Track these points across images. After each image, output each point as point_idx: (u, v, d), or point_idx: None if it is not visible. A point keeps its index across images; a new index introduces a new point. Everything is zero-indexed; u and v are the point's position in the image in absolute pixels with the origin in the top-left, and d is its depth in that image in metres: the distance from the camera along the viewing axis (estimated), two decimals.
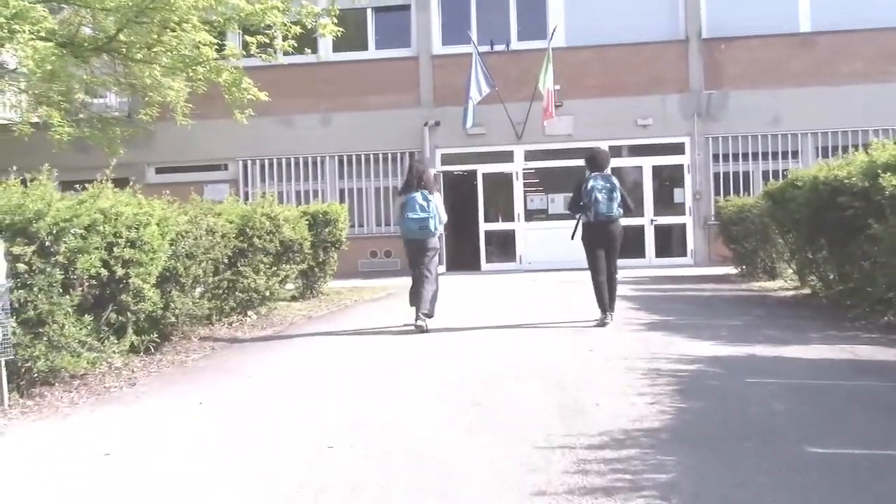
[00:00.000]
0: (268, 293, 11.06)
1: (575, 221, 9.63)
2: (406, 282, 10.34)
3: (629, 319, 9.66)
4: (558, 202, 19.62)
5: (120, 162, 20.27)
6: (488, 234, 19.95)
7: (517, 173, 19.79)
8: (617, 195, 9.08)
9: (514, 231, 19.76)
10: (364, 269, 19.78)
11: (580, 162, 17.29)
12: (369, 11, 20.27)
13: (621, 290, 13.06)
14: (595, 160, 9.45)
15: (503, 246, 20.09)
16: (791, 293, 12.45)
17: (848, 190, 9.41)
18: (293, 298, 13.97)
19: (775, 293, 12.69)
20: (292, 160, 20.32)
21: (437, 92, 19.90)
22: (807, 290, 12.19)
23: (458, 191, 20.03)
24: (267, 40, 13.88)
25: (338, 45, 20.24)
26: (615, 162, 19.44)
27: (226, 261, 9.67)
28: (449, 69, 19.78)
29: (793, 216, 11.28)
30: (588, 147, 13.17)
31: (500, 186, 20.14)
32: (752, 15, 19.14)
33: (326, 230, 13.65)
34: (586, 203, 9.06)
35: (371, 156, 20.11)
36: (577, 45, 19.59)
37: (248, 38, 13.81)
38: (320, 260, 13.74)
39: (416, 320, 9.18)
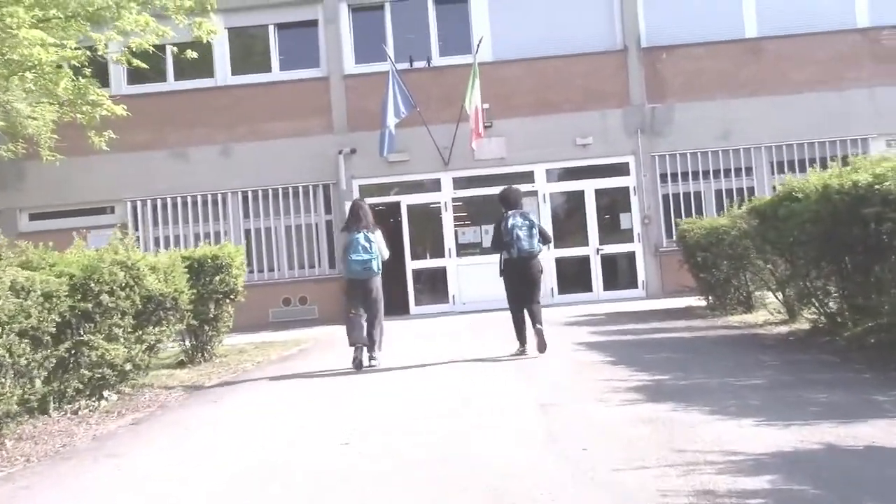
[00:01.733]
0: (130, 367, 8.13)
1: (499, 258, 9.47)
2: (323, 332, 10.52)
3: (613, 383, 6.98)
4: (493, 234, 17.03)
5: None
6: (416, 272, 17.24)
7: (446, 203, 17.17)
8: (536, 231, 9.09)
9: (445, 268, 17.10)
10: (276, 318, 16.88)
11: (516, 188, 14.81)
12: (271, 28, 17.59)
13: (580, 334, 10.89)
14: (509, 199, 9.44)
15: (434, 285, 17.40)
16: (785, 329, 10.02)
17: (879, 198, 7.09)
18: (180, 364, 11.05)
19: (765, 330, 10.24)
20: (189, 199, 17.33)
21: (352, 116, 17.22)
22: (803, 325, 9.80)
23: (381, 226, 17.23)
24: (121, 39, 10.96)
25: (237, 67, 17.55)
26: (554, 186, 17.13)
27: (53, 329, 6.75)
28: (364, 90, 17.16)
29: (787, 236, 8.91)
30: (503, 186, 11.00)
31: (427, 219, 17.51)
32: (694, 21, 17.10)
33: (217, 278, 10.77)
34: (508, 241, 9.05)
35: (280, 190, 17.27)
36: (506, 59, 17.25)
37: (96, 37, 10.82)
38: (210, 315, 10.84)
39: (356, 354, 9.14)
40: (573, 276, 17.11)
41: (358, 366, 9.04)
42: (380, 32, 17.27)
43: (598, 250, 16.99)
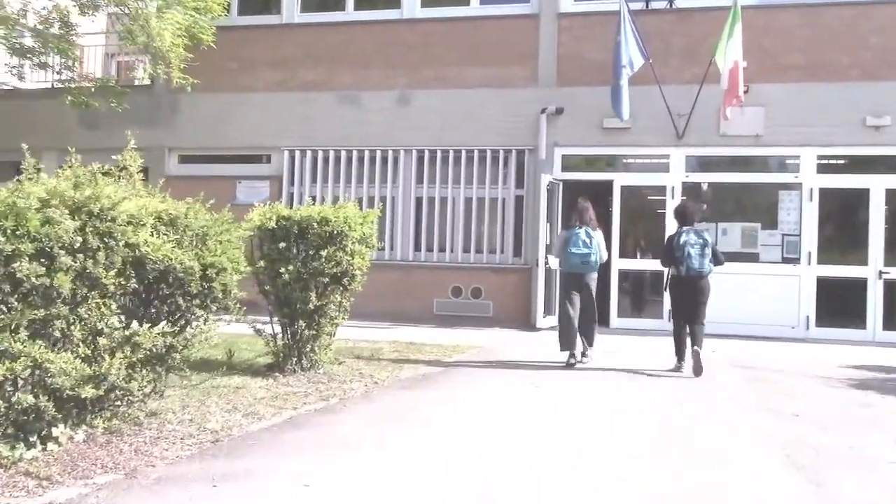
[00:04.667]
0: (100, 391, 4.44)
1: (665, 273, 8.88)
2: (494, 338, 10.19)
3: None
4: (733, 236, 12.34)
5: (134, 146, 14.54)
6: (624, 275, 12.79)
7: (673, 189, 12.56)
8: (708, 251, 8.42)
9: (661, 274, 12.47)
10: (442, 310, 13.06)
11: (771, 177, 10.42)
12: None
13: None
14: (685, 214, 8.83)
15: (644, 294, 12.92)
16: None
17: None
18: (268, 368, 7.43)
19: None
20: (355, 153, 13.75)
21: (563, 65, 12.95)
22: None
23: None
24: None
25: None
26: (827, 180, 12.07)
27: None
28: (581, 34, 12.91)
29: None
30: (681, 201, 11.01)
31: (645, 207, 13.03)
32: None
33: (324, 253, 6.99)
34: (679, 258, 8.44)
35: (463, 152, 13.31)
36: (775, 3, 12.36)
37: None
38: (310, 307, 7.07)
39: (570, 358, 8.67)
40: (839, 305, 12.04)
41: (569, 366, 8.60)
42: None
43: (880, 273, 11.81)
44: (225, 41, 13.31)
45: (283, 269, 6.92)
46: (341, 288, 7.31)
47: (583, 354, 8.87)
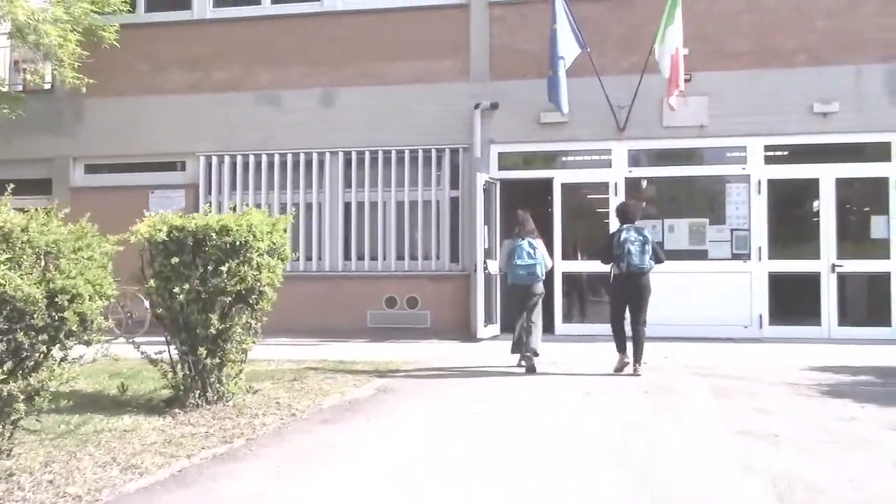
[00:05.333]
0: None
1: (610, 273, 8.75)
2: (432, 351, 9.94)
3: None
4: (680, 233, 11.61)
5: (37, 157, 12.98)
6: (568, 278, 11.94)
7: (616, 185, 11.77)
8: (649, 248, 8.31)
9: (606, 276, 11.63)
10: (376, 322, 12.09)
11: (718, 170, 9.73)
12: None
13: None
14: (627, 213, 8.70)
15: (591, 297, 12.11)
16: None
17: None
18: (167, 404, 6.34)
19: None
20: (276, 157, 12.67)
21: (496, 58, 12.10)
22: None
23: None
24: None
25: None
26: (775, 171, 11.39)
27: None
28: (515, 24, 12.10)
29: None
30: (622, 200, 10.69)
31: (588, 205, 12.24)
32: None
33: (224, 269, 5.93)
34: (619, 255, 8.33)
35: (393, 153, 12.35)
36: None
37: None
38: (212, 332, 6.00)
39: (521, 360, 8.73)
40: (793, 302, 11.41)
41: (530, 370, 8.49)
42: None
43: (833, 266, 11.19)
44: (132, 40, 12.26)
45: (177, 289, 5.85)
46: (248, 308, 6.25)
47: (529, 358, 8.59)
